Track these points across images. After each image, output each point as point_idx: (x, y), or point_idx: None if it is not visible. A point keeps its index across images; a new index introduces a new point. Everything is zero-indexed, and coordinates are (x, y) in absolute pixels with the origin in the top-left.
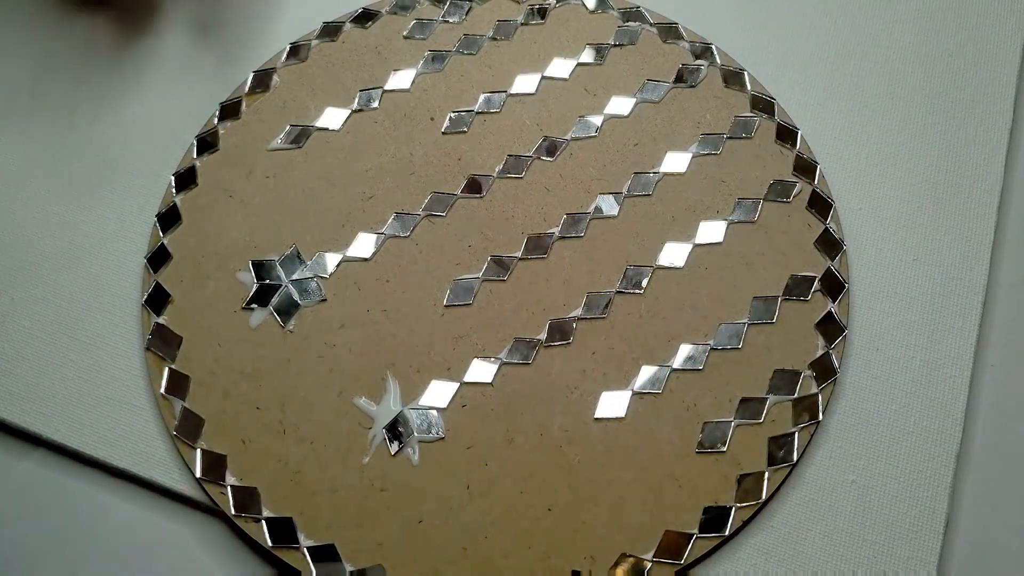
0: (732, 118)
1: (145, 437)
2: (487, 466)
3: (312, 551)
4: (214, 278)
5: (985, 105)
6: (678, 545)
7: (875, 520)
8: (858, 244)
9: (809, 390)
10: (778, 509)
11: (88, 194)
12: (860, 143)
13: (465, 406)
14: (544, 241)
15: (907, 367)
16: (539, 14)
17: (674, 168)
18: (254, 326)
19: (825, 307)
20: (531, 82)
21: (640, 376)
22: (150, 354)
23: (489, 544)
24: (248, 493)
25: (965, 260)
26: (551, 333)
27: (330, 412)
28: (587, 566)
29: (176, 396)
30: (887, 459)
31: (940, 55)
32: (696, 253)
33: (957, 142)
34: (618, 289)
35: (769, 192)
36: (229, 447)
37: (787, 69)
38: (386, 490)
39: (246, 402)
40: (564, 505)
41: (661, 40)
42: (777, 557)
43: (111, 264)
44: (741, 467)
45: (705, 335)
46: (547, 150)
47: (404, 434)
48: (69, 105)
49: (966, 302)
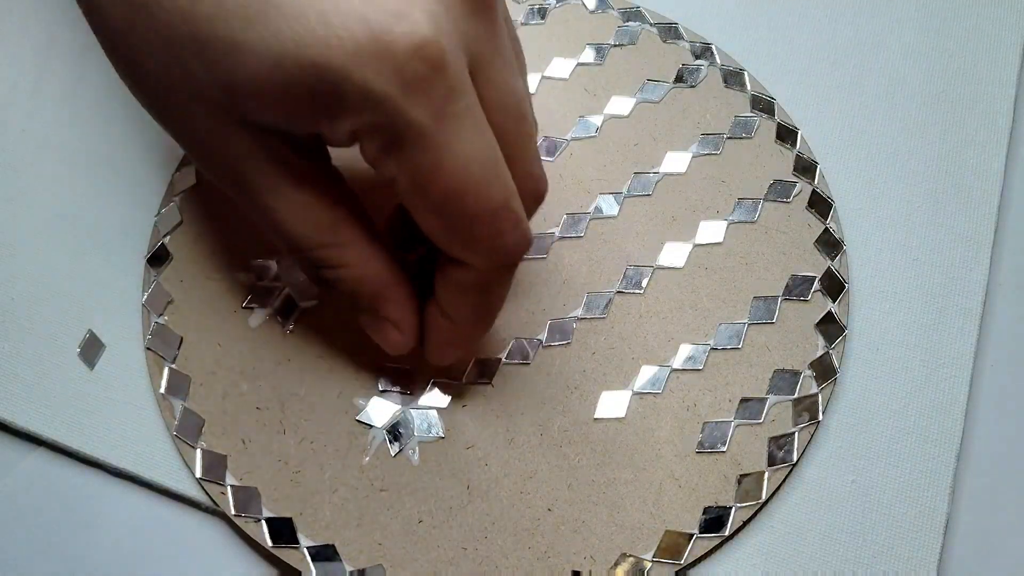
0: (732, 118)
1: (145, 437)
2: (487, 466)
3: (312, 551)
4: (214, 278)
5: (985, 105)
6: (678, 545)
7: (875, 520)
8: (858, 244)
9: (809, 390)
10: (778, 509)
11: (88, 193)
12: (860, 143)
13: (465, 406)
14: (544, 241)
15: (907, 367)
16: (539, 14)
17: (674, 168)
18: (254, 326)
19: (825, 307)
20: (531, 82)
21: (640, 376)
22: (150, 354)
23: (489, 544)
24: (248, 493)
25: (965, 260)
26: (551, 333)
27: (330, 412)
28: (587, 566)
29: (176, 396)
30: (887, 459)
31: (940, 55)
32: (696, 253)
33: (957, 142)
34: (618, 289)
35: (769, 192)
36: (229, 447)
37: (787, 69)
38: (386, 490)
39: (246, 402)
40: (564, 505)
41: (661, 40)
42: (777, 557)
43: (111, 264)
44: (741, 467)
45: (705, 335)
46: (547, 150)
47: (404, 435)
48: (70, 102)
49: (966, 302)
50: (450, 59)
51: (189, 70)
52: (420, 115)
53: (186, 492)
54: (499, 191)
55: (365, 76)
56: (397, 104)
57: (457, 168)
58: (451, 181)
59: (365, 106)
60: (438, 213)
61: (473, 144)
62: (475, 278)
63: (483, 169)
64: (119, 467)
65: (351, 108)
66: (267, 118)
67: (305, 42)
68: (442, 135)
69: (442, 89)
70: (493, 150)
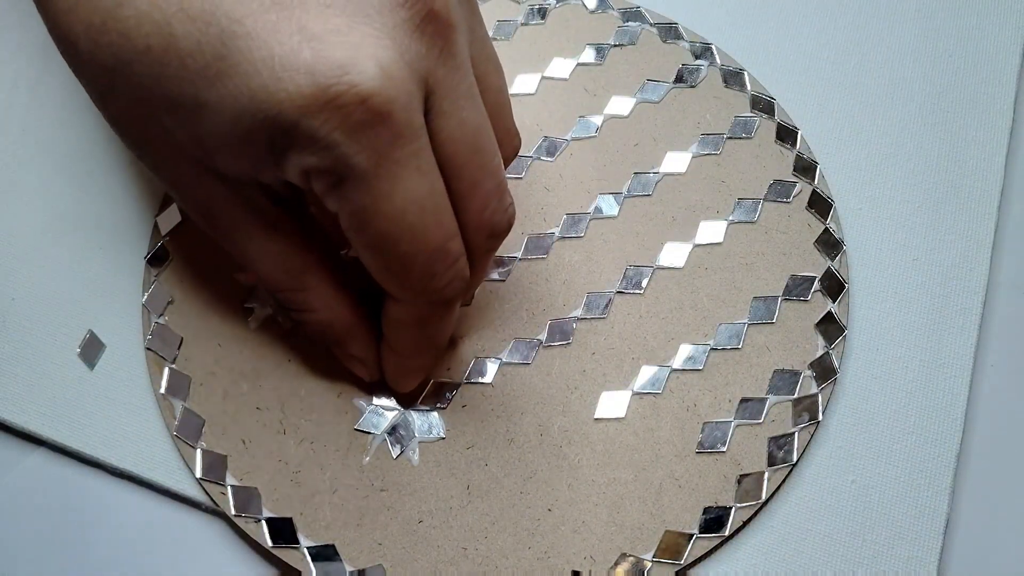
0: (732, 118)
1: (145, 437)
2: (487, 466)
3: (312, 551)
4: (214, 278)
5: (985, 105)
6: (678, 545)
7: (875, 520)
8: (858, 244)
9: (809, 390)
10: (778, 509)
11: (88, 193)
12: (860, 143)
13: (465, 406)
14: (544, 241)
15: (907, 367)
16: (539, 14)
17: (674, 168)
18: (254, 326)
19: (825, 307)
20: (531, 82)
21: (640, 376)
22: (150, 354)
23: (489, 544)
24: (248, 493)
25: (965, 260)
26: (551, 333)
27: (330, 412)
28: (587, 566)
29: (176, 396)
30: (887, 459)
31: (940, 55)
32: (696, 253)
33: (957, 142)
34: (618, 289)
35: (769, 192)
36: (229, 447)
37: (787, 69)
38: (386, 490)
39: (246, 402)
40: (564, 505)
41: (661, 40)
42: (777, 557)
43: (111, 264)
44: (741, 467)
45: (705, 335)
46: (547, 150)
47: (406, 437)
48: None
49: (966, 302)
50: (396, 107)
51: (165, 127)
52: (362, 160)
53: (186, 492)
54: (435, 234)
55: (311, 125)
56: (341, 150)
57: (394, 212)
58: (386, 224)
59: (311, 150)
60: (374, 251)
61: (412, 189)
62: (411, 314)
63: (420, 214)
64: (119, 467)
65: (298, 151)
66: (237, 168)
67: (259, 97)
68: (382, 180)
69: (386, 136)
70: (434, 193)
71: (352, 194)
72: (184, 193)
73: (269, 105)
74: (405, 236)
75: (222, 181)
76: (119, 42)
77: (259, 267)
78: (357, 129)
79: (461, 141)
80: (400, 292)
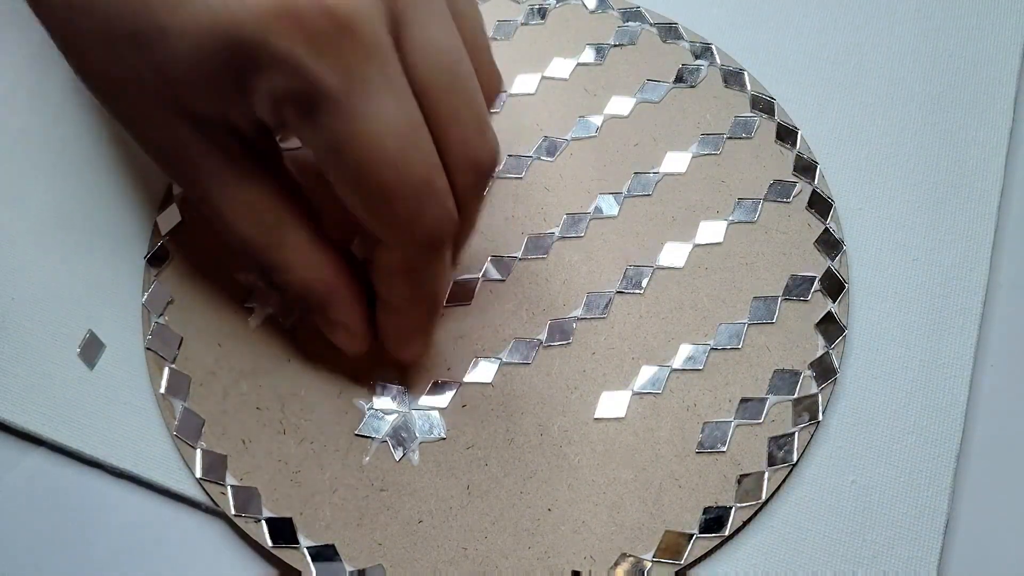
0: (732, 118)
1: (145, 437)
2: (487, 466)
3: (312, 551)
4: (214, 278)
5: (985, 105)
6: (678, 545)
7: (875, 520)
8: (858, 244)
9: (809, 390)
10: (778, 509)
11: (88, 193)
12: (860, 143)
13: (465, 406)
14: (544, 241)
15: (907, 367)
16: (539, 14)
17: (674, 168)
18: (254, 326)
19: (825, 307)
20: (531, 82)
21: (640, 376)
22: (150, 354)
23: (489, 544)
24: (248, 493)
25: (965, 260)
26: (551, 333)
27: (330, 412)
28: (587, 566)
29: (176, 396)
30: (887, 459)
31: (940, 55)
32: (696, 253)
33: (957, 142)
34: (618, 289)
35: (769, 192)
36: (229, 447)
37: (787, 69)
38: (386, 490)
39: (246, 402)
40: (564, 505)
41: (661, 40)
42: (777, 557)
43: (111, 264)
44: (741, 467)
45: (705, 335)
46: (547, 150)
47: (407, 438)
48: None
49: (966, 302)
50: (361, 19)
51: (129, 64)
52: (330, 77)
53: (186, 492)
54: (419, 165)
55: (271, 39)
56: (305, 65)
57: (371, 137)
58: (365, 151)
59: (277, 70)
60: (354, 186)
61: (389, 112)
62: (400, 259)
63: (400, 140)
64: (119, 467)
65: (264, 74)
66: (206, 105)
67: (220, 15)
68: (354, 100)
69: (353, 50)
70: (413, 120)
71: (325, 120)
72: (154, 144)
73: (231, 23)
74: (387, 165)
75: (193, 126)
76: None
77: (234, 227)
78: (322, 43)
79: (436, 67)
80: (386, 232)
